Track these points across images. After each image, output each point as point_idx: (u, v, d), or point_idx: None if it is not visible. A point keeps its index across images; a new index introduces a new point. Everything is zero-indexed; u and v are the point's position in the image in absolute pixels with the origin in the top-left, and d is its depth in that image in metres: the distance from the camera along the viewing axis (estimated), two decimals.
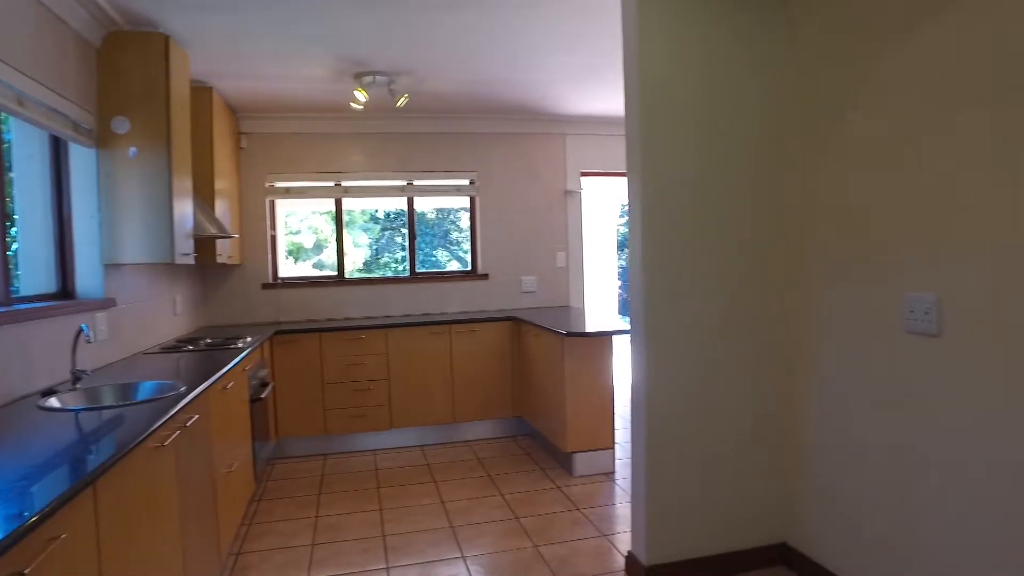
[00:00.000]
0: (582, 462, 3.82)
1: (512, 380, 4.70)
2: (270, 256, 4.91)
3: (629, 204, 2.55)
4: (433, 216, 5.44)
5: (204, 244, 3.82)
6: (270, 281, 4.88)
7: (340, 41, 3.32)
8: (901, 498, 2.13)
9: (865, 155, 2.23)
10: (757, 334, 2.61)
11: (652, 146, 2.45)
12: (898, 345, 2.11)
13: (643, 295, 2.48)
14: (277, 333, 4.30)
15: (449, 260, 5.42)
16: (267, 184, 4.86)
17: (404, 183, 5.12)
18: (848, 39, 2.28)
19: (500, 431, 4.76)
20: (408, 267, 5.23)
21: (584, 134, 5.34)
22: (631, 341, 2.57)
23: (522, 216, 5.26)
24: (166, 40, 2.98)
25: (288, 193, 4.98)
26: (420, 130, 5.06)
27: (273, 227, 5.00)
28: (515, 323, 4.70)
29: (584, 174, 5.38)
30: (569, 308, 5.14)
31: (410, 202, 5.22)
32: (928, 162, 1.99)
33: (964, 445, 1.91)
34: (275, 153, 4.87)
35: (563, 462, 3.96)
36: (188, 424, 2.14)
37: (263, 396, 3.69)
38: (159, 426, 1.81)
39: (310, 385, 4.36)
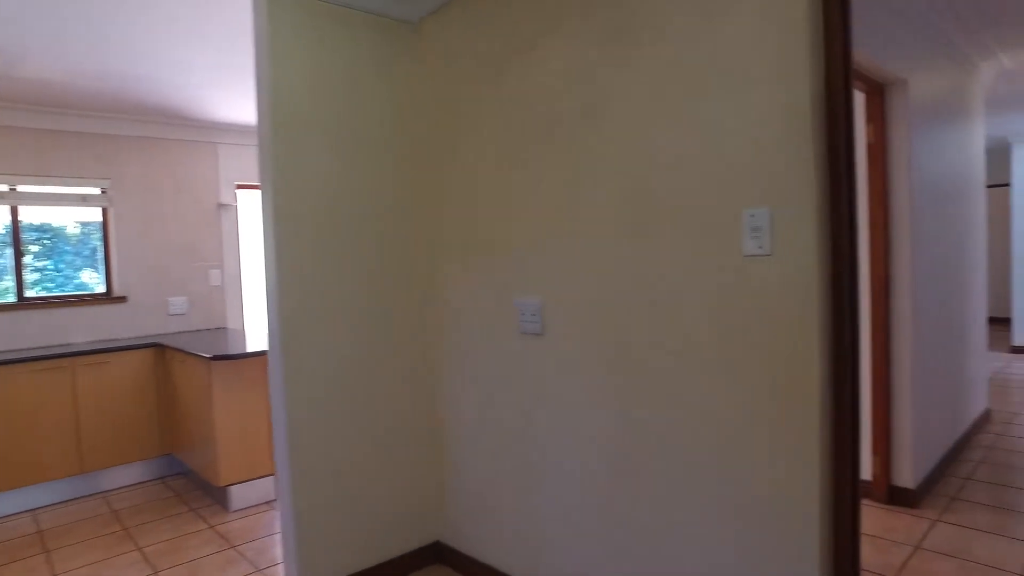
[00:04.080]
0: (240, 494, 3.53)
1: (159, 414, 4.15)
2: None
3: (263, 217, 2.43)
4: (77, 231, 4.52)
5: None
6: None
7: None
8: (526, 480, 2.40)
9: (482, 175, 2.48)
10: (400, 342, 2.70)
11: (285, 160, 2.38)
12: (517, 344, 2.38)
13: (278, 308, 2.38)
14: None
15: (99, 283, 4.56)
16: None
17: (5, 188, 4.18)
18: (461, 72, 2.52)
19: (146, 474, 4.17)
20: (15, 292, 4.28)
21: (239, 144, 5.01)
22: (269, 357, 2.46)
23: (169, 231, 4.71)
24: None
25: None
26: (26, 125, 4.18)
27: None
28: (159, 350, 4.16)
29: (240, 186, 5.04)
30: (226, 330, 4.75)
31: (14, 212, 4.27)
32: (523, 184, 2.30)
33: (567, 429, 2.23)
34: None
35: (219, 498, 3.62)
36: None
37: None
38: None
39: None
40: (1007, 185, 9.12)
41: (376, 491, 2.63)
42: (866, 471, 3.23)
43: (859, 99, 3.17)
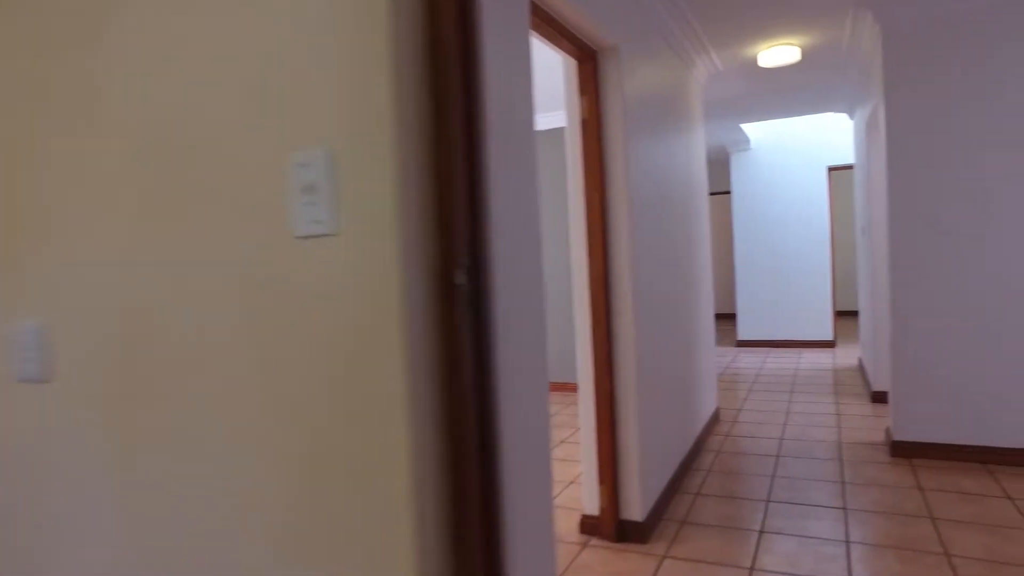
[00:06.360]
0: None
1: None
2: None
3: None
4: None
5: None
6: None
7: None
8: None
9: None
10: None
11: None
12: (16, 400, 1.42)
13: None
14: None
15: None
16: None
17: None
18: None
19: None
20: None
21: None
22: None
23: None
24: None
25: None
26: None
27: None
28: None
29: None
30: None
31: None
32: (11, 139, 1.37)
33: (88, 547, 1.34)
34: None
35: None
36: None
37: None
38: None
39: None
40: (728, 192, 9.99)
41: None
42: (594, 506, 2.77)
43: (571, 66, 2.71)
